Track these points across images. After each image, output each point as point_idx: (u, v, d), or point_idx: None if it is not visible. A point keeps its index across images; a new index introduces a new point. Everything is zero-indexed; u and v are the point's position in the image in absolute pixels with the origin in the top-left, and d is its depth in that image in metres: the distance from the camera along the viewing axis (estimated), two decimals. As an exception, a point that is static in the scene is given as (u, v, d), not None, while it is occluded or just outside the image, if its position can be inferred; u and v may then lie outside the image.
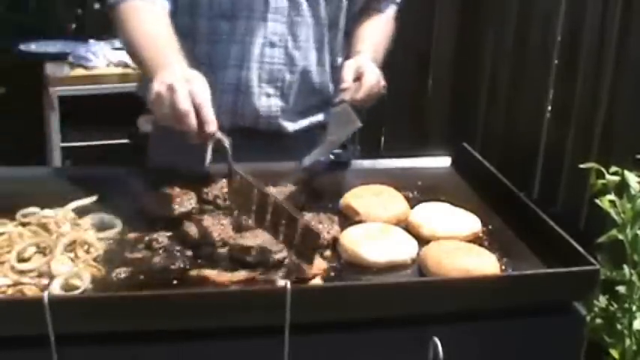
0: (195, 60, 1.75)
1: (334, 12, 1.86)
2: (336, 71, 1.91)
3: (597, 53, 2.46)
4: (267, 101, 1.81)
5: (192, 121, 1.39)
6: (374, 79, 1.74)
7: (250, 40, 1.76)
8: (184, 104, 1.38)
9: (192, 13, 1.76)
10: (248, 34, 1.76)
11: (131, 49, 1.65)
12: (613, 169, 1.66)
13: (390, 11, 1.97)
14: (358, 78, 1.73)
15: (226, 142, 1.42)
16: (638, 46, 2.29)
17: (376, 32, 1.91)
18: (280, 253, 1.34)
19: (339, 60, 1.92)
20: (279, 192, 1.58)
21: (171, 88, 1.40)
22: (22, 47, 3.71)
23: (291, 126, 1.86)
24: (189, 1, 1.76)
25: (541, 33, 2.80)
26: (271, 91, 1.81)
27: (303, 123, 1.89)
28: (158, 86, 1.43)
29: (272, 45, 1.78)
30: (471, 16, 3.29)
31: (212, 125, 1.40)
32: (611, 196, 1.66)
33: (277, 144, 1.84)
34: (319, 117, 1.92)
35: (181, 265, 1.33)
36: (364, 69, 1.74)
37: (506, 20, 2.99)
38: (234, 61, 1.77)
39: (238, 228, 1.44)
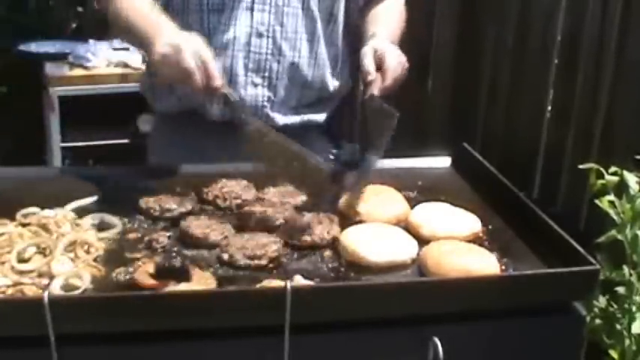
0: None
1: (329, 4, 1.83)
2: (344, 66, 1.90)
3: (597, 54, 2.46)
4: (253, 90, 1.79)
5: (199, 77, 1.47)
6: (395, 61, 1.66)
7: (237, 29, 1.76)
8: (191, 62, 1.47)
9: (184, 9, 1.77)
10: (234, 24, 1.76)
11: (124, 26, 1.69)
12: (612, 169, 1.66)
13: None
14: (379, 65, 1.64)
15: (234, 94, 1.54)
16: (638, 47, 2.28)
17: (389, 13, 1.86)
18: (274, 252, 1.34)
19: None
20: (279, 192, 1.58)
21: (176, 48, 1.48)
22: (22, 47, 3.70)
23: (280, 119, 1.83)
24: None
25: (541, 33, 2.79)
26: (258, 80, 1.79)
27: (295, 119, 1.86)
28: (162, 47, 1.50)
29: (259, 35, 1.77)
30: (471, 16, 3.28)
31: (218, 80, 1.48)
32: (611, 197, 1.66)
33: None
34: (316, 116, 1.89)
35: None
36: (383, 52, 1.65)
37: (507, 20, 2.98)
38: (221, 50, 1.75)
39: (239, 228, 1.45)
